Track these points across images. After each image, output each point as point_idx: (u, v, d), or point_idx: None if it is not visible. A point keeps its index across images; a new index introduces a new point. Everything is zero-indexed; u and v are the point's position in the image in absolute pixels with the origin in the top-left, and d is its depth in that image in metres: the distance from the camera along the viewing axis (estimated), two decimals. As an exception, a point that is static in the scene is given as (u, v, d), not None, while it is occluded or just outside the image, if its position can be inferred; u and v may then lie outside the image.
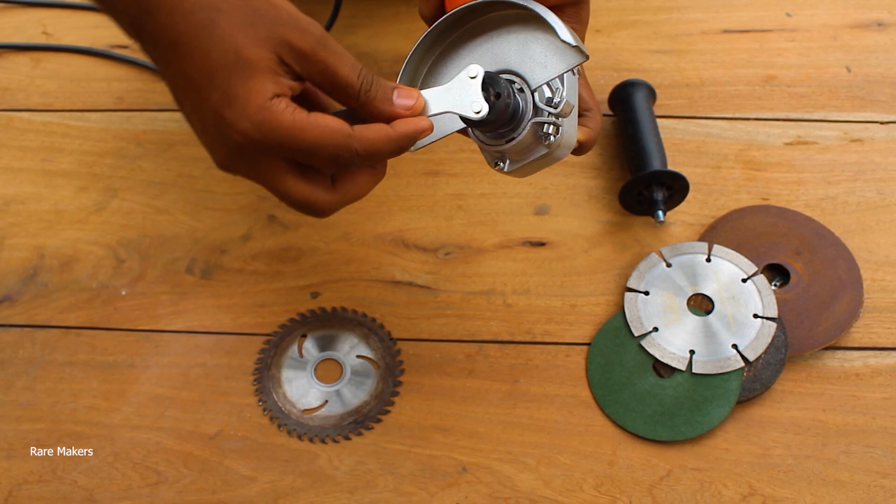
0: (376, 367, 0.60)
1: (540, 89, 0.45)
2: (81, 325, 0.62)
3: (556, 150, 0.45)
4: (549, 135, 0.44)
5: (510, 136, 0.45)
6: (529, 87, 0.45)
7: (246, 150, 0.41)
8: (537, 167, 0.47)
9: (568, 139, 0.46)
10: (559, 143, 0.45)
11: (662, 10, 0.78)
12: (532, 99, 0.45)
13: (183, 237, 0.66)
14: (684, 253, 0.62)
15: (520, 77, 0.45)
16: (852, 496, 0.53)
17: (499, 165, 0.47)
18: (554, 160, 0.47)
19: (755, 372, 0.57)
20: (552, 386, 0.58)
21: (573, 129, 0.47)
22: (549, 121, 0.44)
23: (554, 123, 0.44)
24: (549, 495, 0.54)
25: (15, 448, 0.57)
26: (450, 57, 0.48)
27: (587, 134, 0.50)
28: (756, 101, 0.71)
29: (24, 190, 0.70)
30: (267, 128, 0.40)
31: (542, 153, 0.46)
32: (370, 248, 0.65)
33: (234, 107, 0.40)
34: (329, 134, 0.41)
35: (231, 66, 0.40)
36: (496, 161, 0.47)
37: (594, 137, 0.50)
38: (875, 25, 0.75)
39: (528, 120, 0.45)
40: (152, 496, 0.55)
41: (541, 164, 0.47)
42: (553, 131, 0.44)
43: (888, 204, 0.65)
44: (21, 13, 0.82)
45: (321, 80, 0.42)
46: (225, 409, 0.58)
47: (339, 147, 0.41)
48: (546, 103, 0.44)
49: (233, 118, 0.40)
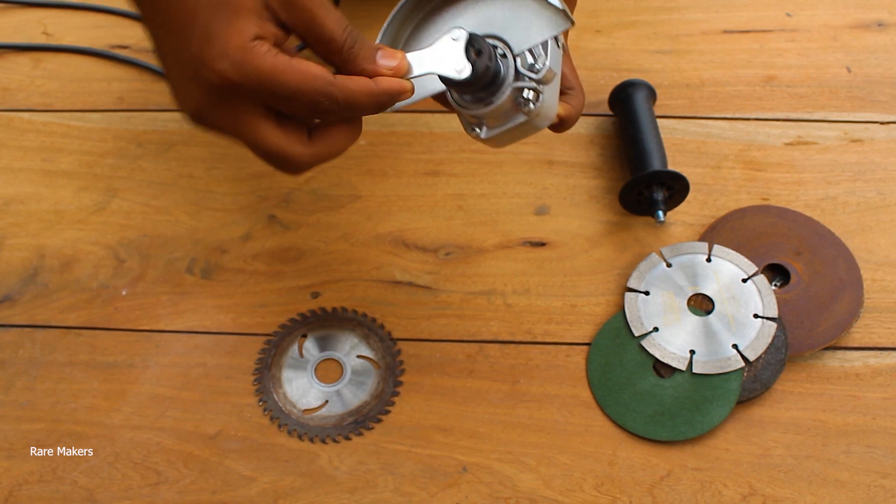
0: (376, 367, 0.60)
1: (522, 56, 0.44)
2: (81, 326, 0.62)
3: (535, 118, 0.45)
4: (529, 101, 0.44)
5: (489, 100, 0.45)
6: (512, 53, 0.44)
7: (222, 92, 0.40)
8: (515, 136, 0.47)
9: (548, 109, 0.45)
10: (538, 112, 0.45)
11: (662, 11, 0.78)
12: (514, 64, 0.44)
13: (183, 237, 0.66)
14: (684, 253, 0.62)
15: (503, 42, 0.45)
16: (852, 496, 0.53)
17: (475, 131, 0.47)
18: (532, 130, 0.46)
19: (755, 372, 0.57)
20: (552, 386, 0.58)
21: (554, 100, 0.46)
22: (530, 86, 0.44)
23: (534, 89, 0.44)
24: (550, 495, 0.54)
25: (15, 448, 0.57)
26: (433, 21, 0.47)
27: (568, 110, 0.49)
28: (756, 101, 0.71)
29: (25, 190, 0.70)
30: (247, 69, 0.39)
31: (521, 120, 0.45)
32: (370, 248, 0.65)
33: (214, 46, 0.39)
34: (311, 79, 0.40)
35: (214, 6, 0.39)
36: (473, 126, 0.47)
37: (575, 115, 0.50)
38: (875, 25, 0.75)
39: (508, 84, 0.44)
40: (153, 496, 0.55)
41: (518, 132, 0.46)
42: (533, 97, 0.44)
43: (888, 204, 0.65)
44: (21, 13, 0.82)
45: (305, 30, 0.41)
46: (225, 409, 0.58)
47: (320, 93, 0.41)
48: (528, 69, 0.44)
49: (211, 57, 0.39)
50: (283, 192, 0.68)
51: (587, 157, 0.69)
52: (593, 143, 0.70)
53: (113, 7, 0.81)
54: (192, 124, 0.44)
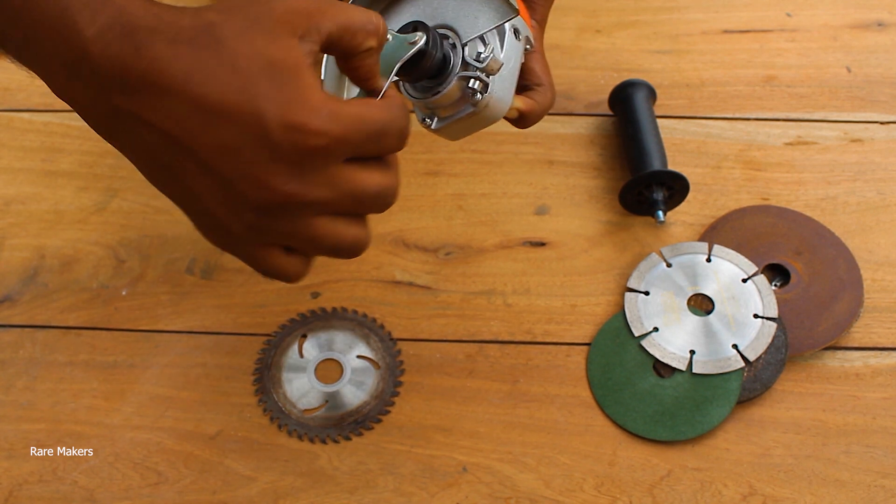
0: (376, 368, 0.60)
1: (472, 45, 0.44)
2: (82, 326, 0.62)
3: (484, 109, 0.45)
4: (476, 91, 0.44)
5: (436, 89, 0.45)
6: (461, 43, 0.44)
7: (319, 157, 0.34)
8: (466, 128, 0.47)
9: (498, 102, 0.45)
10: (486, 103, 0.45)
11: (662, 10, 0.78)
12: (462, 54, 0.44)
13: (183, 237, 0.66)
14: (684, 253, 0.62)
15: (454, 32, 0.45)
16: (852, 496, 0.53)
17: (426, 122, 0.47)
18: (483, 122, 0.46)
19: (755, 372, 0.57)
20: (552, 386, 0.58)
21: (506, 92, 0.46)
22: (475, 75, 0.44)
23: (479, 79, 0.44)
24: (550, 495, 0.54)
25: (15, 448, 0.57)
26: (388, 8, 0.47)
27: (530, 105, 0.49)
28: (756, 101, 0.71)
29: (25, 190, 0.69)
30: (341, 116, 0.34)
31: (469, 111, 0.45)
32: (370, 248, 0.64)
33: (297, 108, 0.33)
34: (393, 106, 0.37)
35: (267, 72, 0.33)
36: (424, 117, 0.47)
37: (538, 111, 0.49)
38: (875, 25, 0.75)
39: (454, 74, 0.44)
40: (153, 496, 0.55)
41: (469, 124, 0.46)
42: (480, 87, 0.44)
43: (888, 204, 0.65)
44: (21, 13, 0.82)
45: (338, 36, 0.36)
46: (225, 409, 0.58)
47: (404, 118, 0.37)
48: (475, 58, 0.44)
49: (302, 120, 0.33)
50: (283, 192, 0.68)
51: (587, 157, 0.69)
52: (593, 143, 0.70)
53: (113, 7, 0.81)
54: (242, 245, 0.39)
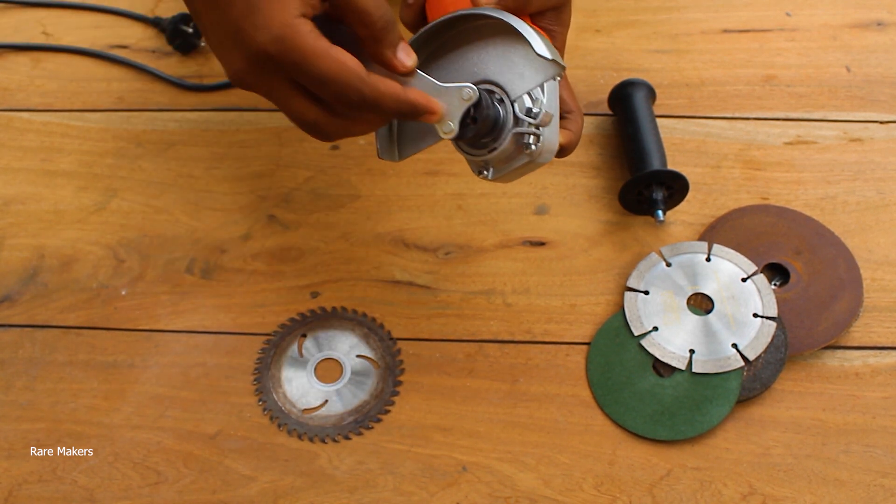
0: (376, 367, 0.60)
1: (520, 99, 0.45)
2: (81, 325, 0.62)
3: (538, 157, 0.46)
4: (531, 144, 0.45)
5: (492, 146, 0.46)
6: (509, 98, 0.45)
7: (260, 62, 0.42)
8: (521, 173, 0.48)
9: (550, 145, 0.47)
10: (540, 151, 0.46)
11: (662, 10, 0.78)
12: (512, 109, 0.45)
13: (183, 237, 0.66)
14: (684, 252, 0.62)
15: (499, 87, 0.46)
16: (852, 495, 0.53)
17: (483, 174, 0.48)
18: (537, 166, 0.47)
19: (755, 371, 0.57)
20: (552, 385, 0.58)
21: (555, 134, 0.47)
22: (530, 131, 0.45)
23: (534, 133, 0.45)
24: (549, 495, 0.54)
25: (15, 448, 0.57)
26: (431, 67, 0.48)
27: (568, 137, 0.50)
28: (756, 100, 0.71)
29: (24, 190, 0.70)
30: (286, 45, 0.40)
31: (525, 161, 0.46)
32: (370, 248, 0.65)
33: (256, 18, 0.40)
34: (344, 70, 0.41)
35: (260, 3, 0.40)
36: (480, 169, 0.48)
37: (575, 140, 0.51)
38: (875, 25, 0.75)
39: (508, 130, 0.45)
40: (152, 496, 0.55)
41: (524, 170, 0.47)
42: (534, 141, 0.45)
43: (888, 203, 0.65)
44: (21, 13, 0.82)
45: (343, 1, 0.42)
46: (225, 408, 0.58)
47: (350, 86, 0.42)
48: (526, 113, 0.45)
49: (253, 27, 0.41)
50: (282, 192, 0.68)
51: (587, 157, 0.69)
52: (593, 142, 0.70)
53: (113, 7, 0.81)
54: (235, 85, 0.45)
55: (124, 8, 0.81)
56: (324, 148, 0.70)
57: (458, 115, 0.44)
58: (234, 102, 0.74)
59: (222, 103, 0.74)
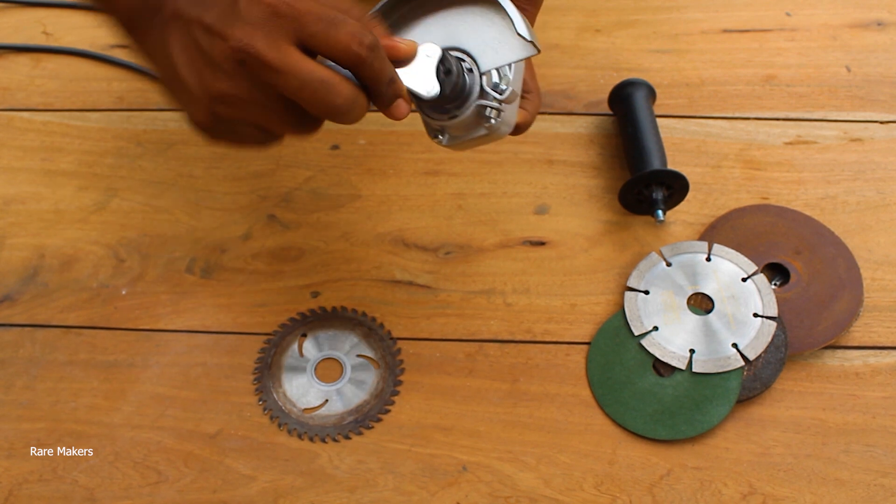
0: (376, 367, 0.60)
1: (489, 72, 0.45)
2: (82, 325, 0.62)
3: (496, 131, 0.47)
4: (491, 118, 0.46)
5: (454, 112, 0.46)
6: (478, 69, 0.45)
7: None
8: (475, 144, 0.48)
9: (508, 121, 0.47)
10: (499, 126, 0.46)
11: (662, 10, 0.78)
12: (479, 81, 0.46)
13: (183, 237, 0.66)
14: (684, 252, 0.62)
15: (470, 57, 0.46)
16: (852, 495, 0.53)
17: (438, 138, 0.48)
18: (492, 139, 0.48)
19: (755, 371, 0.57)
20: (552, 385, 0.58)
21: (514, 113, 0.48)
22: (493, 105, 0.45)
23: (497, 108, 0.45)
24: (550, 494, 0.54)
25: (15, 447, 0.57)
26: (404, 28, 0.48)
27: (525, 116, 0.51)
28: (756, 100, 0.71)
29: (25, 190, 0.70)
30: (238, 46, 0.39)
31: (482, 133, 0.47)
32: (370, 248, 0.65)
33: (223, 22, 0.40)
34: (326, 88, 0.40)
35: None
36: (436, 133, 0.48)
37: (530, 120, 0.51)
38: (875, 25, 0.75)
39: (473, 100, 0.46)
40: (153, 495, 0.55)
41: (480, 141, 0.48)
42: (495, 115, 0.46)
43: (888, 203, 0.65)
44: (21, 13, 0.82)
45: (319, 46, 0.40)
46: (225, 408, 0.58)
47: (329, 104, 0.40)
48: (493, 88, 0.45)
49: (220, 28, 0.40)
50: (282, 192, 0.68)
51: (587, 157, 0.69)
52: (593, 142, 0.70)
53: (113, 7, 0.81)
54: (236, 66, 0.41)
55: (124, 8, 0.81)
56: (324, 148, 0.70)
57: (432, 74, 0.43)
58: (235, 102, 0.74)
59: (222, 103, 0.74)
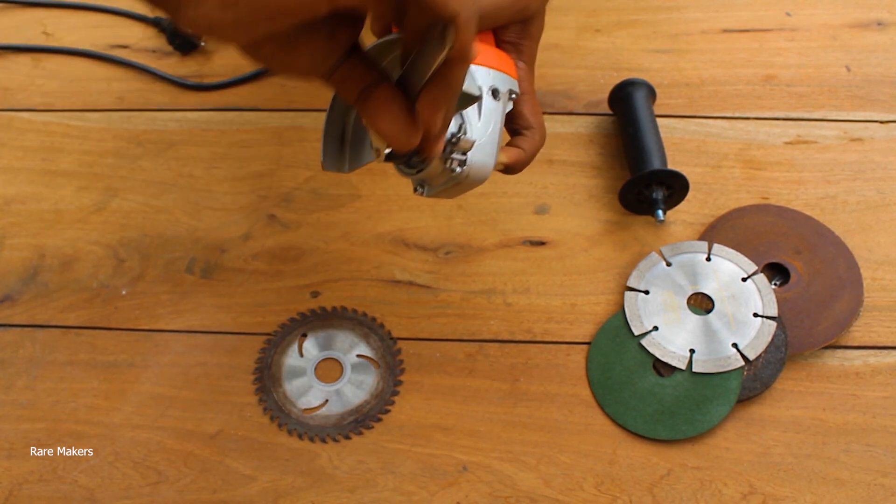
0: (376, 367, 0.60)
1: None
2: (82, 325, 0.62)
3: (465, 179, 0.47)
4: (455, 168, 0.46)
5: (420, 166, 0.46)
6: None
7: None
8: (457, 191, 0.49)
9: (480, 168, 0.47)
10: (467, 174, 0.46)
11: (662, 10, 0.78)
12: None
13: (183, 237, 0.66)
14: (684, 252, 0.62)
15: None
16: (852, 495, 0.53)
17: (418, 190, 0.49)
18: (470, 186, 0.48)
19: (755, 371, 0.57)
20: (552, 385, 0.58)
21: (488, 156, 0.48)
22: (450, 156, 0.45)
23: (456, 159, 0.46)
24: (550, 494, 0.54)
25: (15, 448, 0.57)
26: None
27: (515, 156, 0.50)
28: (756, 100, 0.71)
29: (25, 190, 0.70)
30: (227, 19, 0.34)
31: (453, 183, 0.47)
32: (370, 248, 0.65)
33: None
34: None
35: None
36: (416, 186, 0.49)
37: (525, 158, 0.50)
38: (875, 25, 0.75)
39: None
40: (153, 495, 0.55)
41: (459, 189, 0.48)
42: (457, 164, 0.46)
43: (888, 203, 0.65)
44: (21, 13, 0.82)
45: None
46: (225, 408, 0.58)
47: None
48: (448, 138, 0.45)
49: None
50: (282, 192, 0.68)
51: (587, 157, 0.69)
52: (593, 142, 0.70)
53: (113, 7, 0.81)
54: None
55: (124, 8, 0.81)
56: (324, 148, 0.70)
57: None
58: (235, 102, 0.74)
59: (222, 103, 0.74)
